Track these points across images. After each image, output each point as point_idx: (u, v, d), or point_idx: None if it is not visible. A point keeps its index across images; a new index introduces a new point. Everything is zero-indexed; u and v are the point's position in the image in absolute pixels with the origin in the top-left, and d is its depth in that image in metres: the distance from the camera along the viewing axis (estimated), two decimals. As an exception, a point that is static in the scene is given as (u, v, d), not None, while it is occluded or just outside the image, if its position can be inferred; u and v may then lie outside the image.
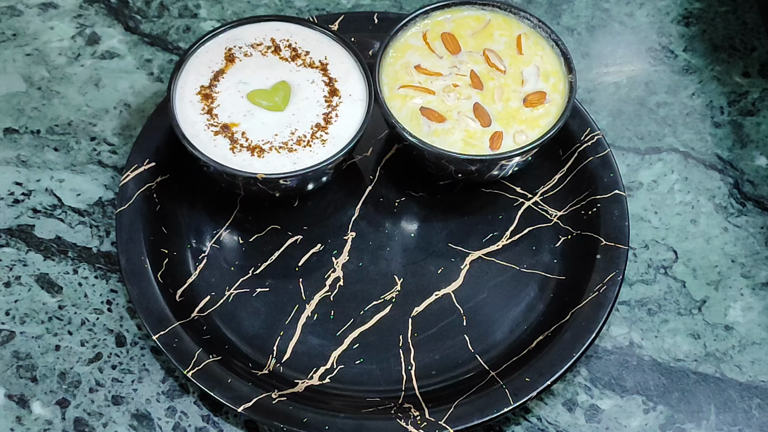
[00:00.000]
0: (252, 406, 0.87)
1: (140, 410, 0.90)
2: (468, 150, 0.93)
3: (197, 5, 1.11)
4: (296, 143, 0.93)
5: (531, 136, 0.94)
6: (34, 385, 0.91)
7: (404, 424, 0.87)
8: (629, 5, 1.13)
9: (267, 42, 0.98)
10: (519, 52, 0.98)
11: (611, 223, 0.96)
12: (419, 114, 0.95)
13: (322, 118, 0.94)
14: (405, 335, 0.93)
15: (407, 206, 1.00)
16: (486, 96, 0.96)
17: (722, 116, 1.07)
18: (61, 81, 1.06)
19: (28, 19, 1.10)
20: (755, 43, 1.11)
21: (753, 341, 0.95)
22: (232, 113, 0.94)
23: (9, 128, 1.03)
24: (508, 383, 0.89)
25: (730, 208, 1.01)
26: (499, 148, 0.93)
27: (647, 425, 0.91)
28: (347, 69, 0.97)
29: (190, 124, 0.93)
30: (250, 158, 0.92)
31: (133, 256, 0.93)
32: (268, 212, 0.98)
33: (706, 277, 0.98)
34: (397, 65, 0.97)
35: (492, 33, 0.99)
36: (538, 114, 0.95)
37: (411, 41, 0.99)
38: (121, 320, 0.94)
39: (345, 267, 0.96)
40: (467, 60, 0.98)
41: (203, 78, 0.96)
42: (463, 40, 0.99)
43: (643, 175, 1.03)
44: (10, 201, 0.99)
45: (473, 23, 1.00)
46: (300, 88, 0.96)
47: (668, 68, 1.09)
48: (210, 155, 0.91)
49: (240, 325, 0.93)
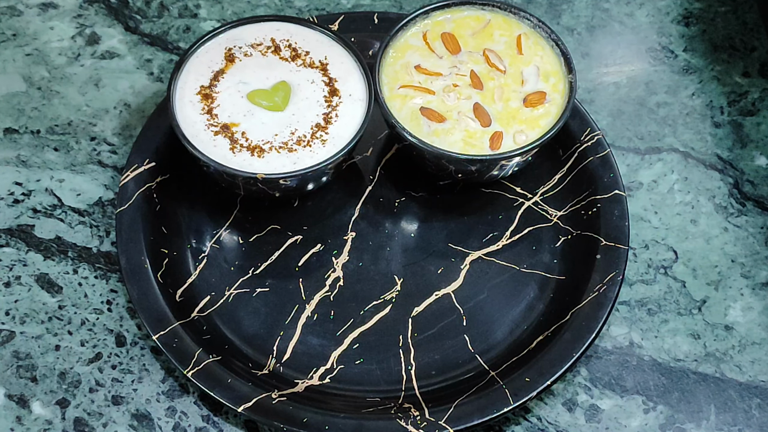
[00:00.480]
0: (252, 406, 0.87)
1: (140, 410, 0.90)
2: (468, 150, 0.93)
3: (197, 5, 1.11)
4: (296, 143, 0.93)
5: (531, 136, 0.94)
6: (34, 385, 0.91)
7: (404, 424, 0.87)
8: (629, 5, 1.13)
9: (267, 42, 0.98)
10: (519, 52, 0.98)
11: (611, 223, 0.96)
12: (419, 114, 0.95)
13: (322, 118, 0.94)
14: (405, 335, 0.93)
15: (407, 206, 1.00)
16: (486, 96, 0.96)
17: (722, 116, 1.06)
18: (61, 81, 1.06)
19: (28, 19, 1.10)
20: (755, 43, 1.11)
21: (753, 341, 0.95)
22: (232, 113, 0.94)
23: (9, 128, 1.03)
24: (508, 383, 0.89)
25: (730, 208, 1.01)
26: (499, 148, 0.93)
27: (647, 425, 0.91)
28: (347, 69, 0.97)
29: (190, 124, 0.93)
30: (250, 158, 0.92)
31: (133, 256, 0.93)
32: (268, 212, 0.98)
33: (706, 277, 0.98)
34: (397, 65, 0.97)
35: (492, 33, 0.99)
36: (538, 114, 0.95)
37: (411, 41, 0.99)
38: (121, 320, 0.94)
39: (345, 267, 0.96)
40: (467, 60, 0.98)
41: (203, 78, 0.96)
42: (463, 40, 0.99)
43: (643, 175, 1.03)
44: (10, 201, 0.99)
45: (473, 23, 1.00)
46: (300, 88, 0.96)
47: (668, 68, 1.09)
48: (210, 155, 0.91)
49: (240, 325, 0.93)
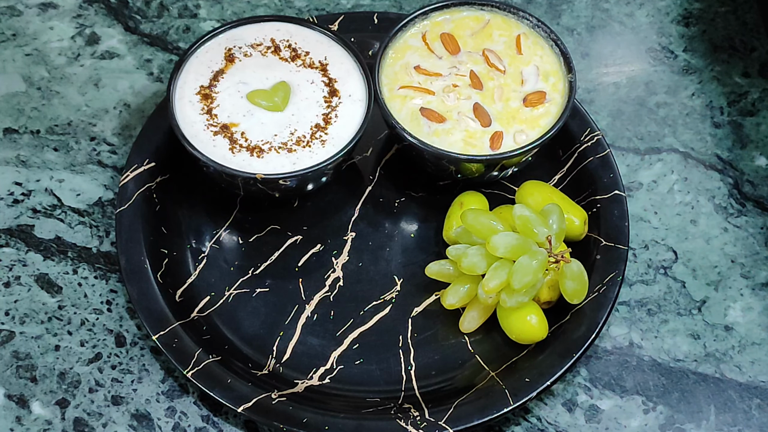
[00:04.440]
0: (252, 406, 0.87)
1: (140, 410, 0.90)
2: (468, 150, 0.93)
3: (197, 5, 1.11)
4: (296, 143, 0.92)
5: (531, 135, 0.94)
6: (34, 385, 0.91)
7: (404, 424, 0.87)
8: (629, 5, 1.13)
9: (267, 42, 0.98)
10: (518, 52, 0.98)
11: (611, 224, 0.96)
12: (419, 114, 0.95)
13: (321, 118, 0.94)
14: (405, 335, 0.93)
15: (407, 206, 1.00)
16: (486, 96, 0.96)
17: (722, 116, 1.06)
18: (61, 81, 1.06)
19: (28, 19, 1.09)
20: (755, 43, 1.11)
21: (753, 341, 0.95)
22: (232, 113, 0.94)
23: (9, 128, 1.03)
24: (508, 383, 0.89)
25: (730, 208, 1.01)
26: (500, 147, 0.93)
27: (647, 425, 0.91)
28: (347, 69, 0.97)
29: (189, 124, 0.93)
30: (250, 158, 0.92)
31: (133, 256, 0.93)
32: (268, 212, 0.98)
33: (705, 277, 0.98)
34: (397, 66, 0.97)
35: (491, 33, 0.99)
36: (538, 114, 0.95)
37: (410, 42, 0.99)
38: (120, 320, 0.94)
39: (345, 267, 0.96)
40: (467, 60, 0.98)
41: (203, 78, 0.96)
42: (462, 41, 0.99)
43: (643, 175, 1.03)
44: (10, 201, 0.99)
45: (472, 23, 1.00)
46: (300, 89, 0.96)
47: (668, 68, 1.09)
48: (209, 155, 0.91)
49: (240, 325, 0.93)
